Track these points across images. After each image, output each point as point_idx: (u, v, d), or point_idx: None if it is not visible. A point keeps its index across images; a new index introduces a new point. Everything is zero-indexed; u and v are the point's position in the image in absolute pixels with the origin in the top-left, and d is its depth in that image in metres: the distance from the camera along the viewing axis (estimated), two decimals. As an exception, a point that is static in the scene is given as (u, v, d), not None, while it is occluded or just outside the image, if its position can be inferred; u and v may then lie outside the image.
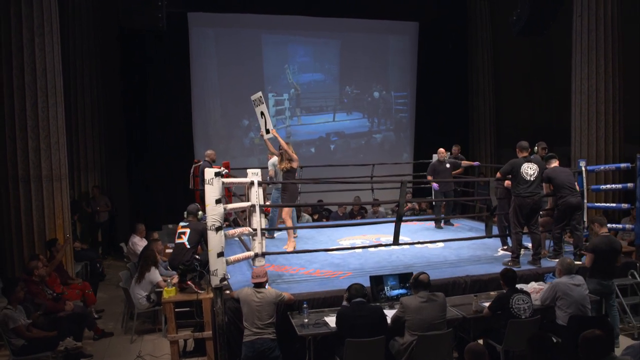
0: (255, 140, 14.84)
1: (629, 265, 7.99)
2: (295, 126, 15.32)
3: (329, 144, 15.56)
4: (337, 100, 15.71)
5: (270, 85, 15.10)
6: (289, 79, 15.24)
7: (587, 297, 6.24)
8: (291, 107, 15.31)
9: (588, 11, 11.60)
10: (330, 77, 15.43)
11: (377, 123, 16.18)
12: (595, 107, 11.62)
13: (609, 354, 4.24)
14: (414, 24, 15.92)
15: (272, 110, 14.83)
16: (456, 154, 11.47)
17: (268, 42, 15.07)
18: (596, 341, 4.28)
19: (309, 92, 15.47)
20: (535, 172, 7.54)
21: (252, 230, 6.86)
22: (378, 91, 15.93)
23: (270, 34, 15.08)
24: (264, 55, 15.02)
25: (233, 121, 15.00)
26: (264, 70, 15.06)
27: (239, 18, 14.47)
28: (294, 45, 15.45)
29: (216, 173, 6.17)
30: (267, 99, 14.77)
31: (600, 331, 4.41)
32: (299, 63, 15.37)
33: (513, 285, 6.05)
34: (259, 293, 5.91)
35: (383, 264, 7.92)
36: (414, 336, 5.47)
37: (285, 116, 15.25)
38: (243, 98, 14.39)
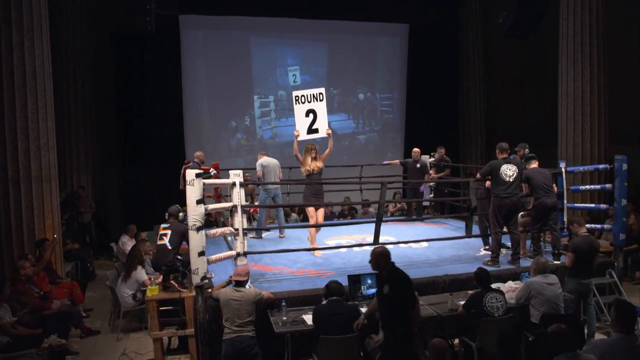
0: (242, 141, 14.98)
1: (607, 265, 8.13)
2: (282, 127, 15.42)
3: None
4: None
5: (259, 88, 15.25)
6: (292, 82, 15.42)
7: (560, 295, 6.37)
8: (278, 108, 15.44)
9: (574, 14, 11.75)
10: (317, 79, 15.54)
11: (362, 124, 16.33)
12: (580, 109, 11.77)
13: (573, 350, 4.36)
14: (404, 25, 16.05)
15: (257, 112, 15.03)
16: (442, 155, 11.61)
17: (257, 44, 15.23)
18: (561, 336, 4.41)
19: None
20: (514, 173, 7.68)
21: (234, 230, 6.99)
22: (363, 93, 16.06)
23: (259, 36, 15.24)
24: (253, 57, 15.18)
25: (221, 123, 15.16)
26: (253, 72, 15.21)
27: (229, 20, 14.62)
28: (282, 48, 15.62)
29: (197, 174, 6.31)
30: (252, 102, 14.95)
31: (567, 327, 4.54)
32: (286, 65, 15.50)
33: (486, 285, 6.18)
34: (238, 292, 6.04)
35: (365, 263, 7.92)
36: (388, 334, 5.59)
37: (271, 117, 15.37)
38: (231, 100, 14.62)
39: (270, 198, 10.04)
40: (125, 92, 14.01)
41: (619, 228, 8.19)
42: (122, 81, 14.02)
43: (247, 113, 15.29)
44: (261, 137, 15.49)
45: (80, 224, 12.61)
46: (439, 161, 11.68)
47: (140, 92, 14.00)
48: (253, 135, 15.45)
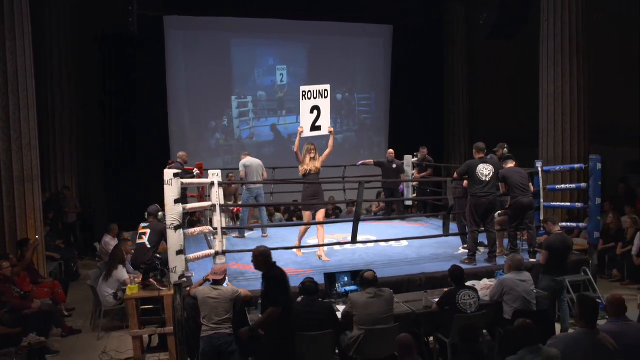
0: (221, 141, 15.06)
1: (582, 262, 8.27)
2: (260, 127, 15.54)
3: (289, 145, 15.77)
4: (297, 102, 15.89)
5: (238, 89, 15.37)
6: (278, 82, 15.51)
7: (532, 292, 6.49)
8: (258, 109, 15.55)
9: (554, 16, 11.90)
10: (296, 79, 15.60)
11: (340, 124, 16.43)
12: (560, 109, 11.92)
13: (536, 344, 4.47)
14: (388, 27, 16.17)
15: (235, 112, 15.11)
16: (424, 155, 11.72)
17: (238, 45, 15.29)
18: (525, 331, 4.51)
19: (275, 94, 15.74)
20: (490, 173, 7.80)
21: (212, 229, 7.07)
22: (341, 93, 16.16)
23: (240, 37, 15.31)
24: (234, 57, 15.27)
25: (203, 123, 15.27)
26: (233, 72, 15.33)
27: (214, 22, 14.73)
28: (263, 48, 15.71)
29: (175, 174, 6.38)
30: (231, 102, 15.04)
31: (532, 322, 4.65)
32: (266, 66, 15.62)
33: (460, 282, 6.29)
34: (216, 290, 6.12)
35: (345, 262, 8.16)
36: (362, 330, 5.71)
37: (249, 118, 15.46)
38: (212, 100, 14.75)
39: (253, 198, 10.13)
40: (110, 93, 14.06)
41: (593, 226, 8.33)
42: (107, 82, 14.06)
43: (225, 113, 15.38)
44: (239, 137, 15.58)
45: (65, 224, 12.63)
46: (421, 161, 11.80)
47: (125, 93, 14.04)
48: (231, 136, 15.55)
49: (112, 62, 13.93)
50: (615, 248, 10.55)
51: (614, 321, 4.93)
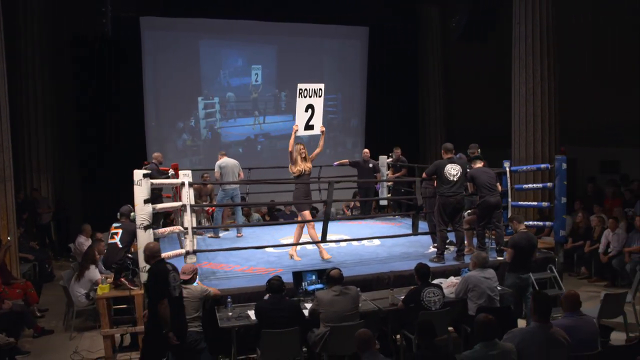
0: (188, 142, 15.11)
1: (548, 260, 8.45)
2: (227, 128, 15.64)
3: (256, 145, 15.86)
4: (271, 104, 16.11)
5: (206, 89, 15.46)
6: (253, 80, 15.58)
7: (496, 289, 6.64)
8: (225, 110, 15.65)
9: (525, 19, 12.09)
10: (268, 81, 15.83)
11: None
12: (532, 110, 12.09)
13: (493, 339, 4.61)
14: (364, 28, 16.31)
15: (201, 113, 15.22)
16: (398, 156, 11.86)
17: (210, 45, 15.42)
18: (484, 325, 4.66)
19: (243, 95, 15.84)
20: (458, 173, 7.95)
21: (183, 229, 7.14)
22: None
23: (213, 38, 15.46)
24: (205, 58, 15.37)
25: (171, 123, 15.33)
26: (202, 73, 15.43)
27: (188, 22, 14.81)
28: (235, 49, 15.81)
29: (144, 174, 6.45)
30: (196, 103, 15.18)
31: (492, 317, 4.80)
32: (235, 67, 15.71)
33: (426, 280, 6.41)
34: (185, 289, 6.19)
35: (316, 261, 8.26)
36: (328, 327, 5.82)
37: (216, 119, 15.55)
38: (184, 100, 14.93)
39: (228, 198, 10.19)
40: (86, 94, 14.05)
41: (559, 225, 8.51)
42: (82, 82, 14.05)
43: (192, 114, 15.47)
44: (206, 137, 15.66)
45: (39, 225, 12.60)
46: (395, 161, 11.94)
47: (100, 94, 14.04)
48: (198, 136, 15.63)
49: (86, 63, 13.92)
50: (584, 246, 10.78)
51: (568, 316, 5.21)
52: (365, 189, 11.88)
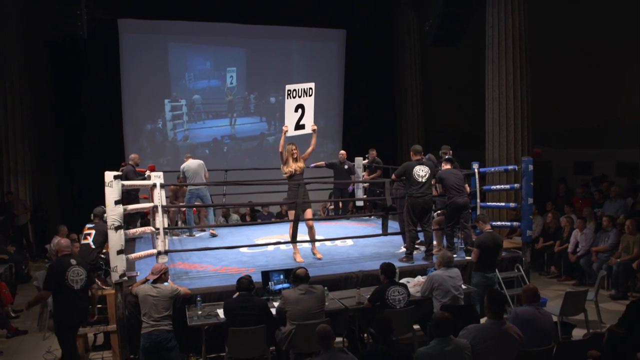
0: (156, 143, 15.15)
1: (515, 259, 8.65)
2: (195, 130, 15.78)
3: (222, 147, 15.96)
4: (240, 105, 16.24)
5: (175, 92, 15.55)
6: (229, 83, 15.69)
7: (460, 287, 6.81)
8: (193, 112, 15.77)
9: (499, 23, 12.32)
10: (239, 83, 16.01)
11: (275, 127, 16.63)
12: (505, 113, 12.32)
13: (448, 335, 4.78)
14: (341, 31, 16.48)
15: (168, 115, 15.37)
16: (373, 157, 12.02)
17: (183, 48, 15.58)
18: (440, 322, 4.84)
19: (212, 97, 15.95)
20: (426, 174, 8.12)
21: (154, 230, 7.25)
22: (275, 96, 16.41)
23: (181, 40, 15.58)
24: (176, 60, 15.51)
25: (142, 124, 15.42)
26: (172, 75, 15.53)
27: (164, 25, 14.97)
28: (202, 52, 15.94)
29: (115, 176, 6.56)
30: (163, 105, 15.30)
31: (449, 315, 4.98)
32: (200, 70, 15.82)
33: (392, 278, 6.57)
34: (156, 288, 6.32)
35: (288, 261, 8.39)
36: (294, 325, 5.96)
37: (183, 121, 15.67)
38: (158, 102, 15.09)
39: (195, 198, 10.32)
40: (63, 96, 14.09)
41: (526, 225, 8.70)
42: (59, 85, 14.11)
43: (160, 116, 15.57)
44: (173, 139, 15.76)
45: (16, 226, 12.62)
46: (371, 163, 12.11)
47: (77, 96, 14.09)
48: (165, 138, 15.72)
49: (63, 65, 13.97)
50: (554, 246, 11.01)
51: (526, 306, 5.50)
52: (341, 190, 12.04)
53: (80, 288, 6.21)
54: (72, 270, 6.13)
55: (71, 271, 6.12)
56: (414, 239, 8.27)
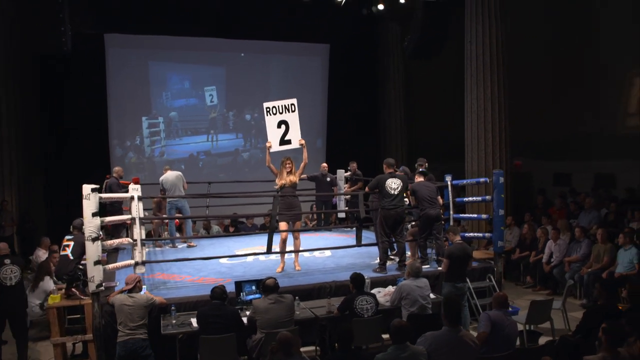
0: (132, 159, 15.35)
1: (487, 270, 8.87)
2: (172, 146, 16.00)
3: (197, 162, 16.15)
4: (219, 122, 16.47)
5: (155, 110, 15.77)
6: (209, 101, 15.92)
7: (428, 297, 7.02)
8: (172, 128, 15.98)
9: (476, 39, 12.62)
10: (222, 100, 16.30)
11: (250, 143, 16.85)
12: (483, 125, 12.60)
13: (405, 342, 4.99)
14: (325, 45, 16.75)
15: (145, 132, 15.57)
16: (354, 170, 12.24)
17: (158, 66, 15.79)
18: (397, 329, 5.04)
19: (190, 114, 16.17)
20: (398, 187, 8.36)
21: (132, 241, 7.45)
22: (250, 114, 16.64)
23: (163, 59, 15.86)
24: (158, 77, 15.75)
25: (123, 139, 15.62)
26: (150, 92, 15.74)
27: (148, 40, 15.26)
28: (181, 70, 16.17)
29: (93, 189, 6.77)
30: (139, 123, 15.52)
31: (405, 322, 5.20)
32: (177, 89, 16.04)
33: (360, 288, 6.78)
34: (131, 298, 6.51)
35: (265, 271, 8.56)
36: (263, 333, 6.16)
37: (160, 137, 15.86)
38: (139, 117, 15.26)
39: (174, 210, 10.53)
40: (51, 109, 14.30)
41: (497, 236, 8.92)
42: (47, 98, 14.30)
43: (138, 133, 15.77)
44: (150, 155, 15.93)
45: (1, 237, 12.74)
46: (351, 175, 12.33)
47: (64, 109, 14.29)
48: (143, 154, 15.89)
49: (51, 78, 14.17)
50: (530, 256, 11.24)
51: (496, 311, 5.76)
52: (324, 202, 12.24)
53: (15, 284, 7.26)
54: (5, 268, 7.20)
55: (4, 269, 7.18)
56: (387, 250, 8.50)
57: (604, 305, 6.08)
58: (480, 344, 5.38)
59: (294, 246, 8.82)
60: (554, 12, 15.22)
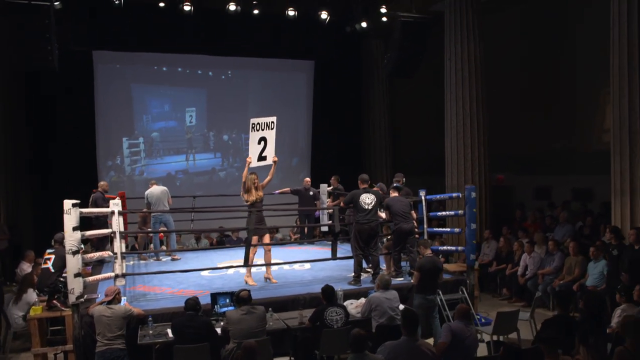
0: (113, 178, 15.57)
1: (460, 282, 9.14)
2: (152, 165, 16.23)
3: (175, 181, 16.33)
4: (199, 142, 16.71)
5: (137, 130, 16.00)
6: (188, 122, 16.30)
7: (397, 308, 7.27)
8: (153, 148, 16.24)
9: (455, 55, 12.97)
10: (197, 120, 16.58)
11: (227, 162, 17.05)
12: (462, 141, 12.93)
13: (363, 351, 5.26)
14: (309, 62, 17.08)
15: (126, 151, 15.82)
16: (335, 185, 12.50)
17: (140, 88, 16.03)
18: (356, 338, 5.32)
19: (171, 135, 16.40)
20: (372, 202, 8.65)
21: (112, 254, 7.71)
22: (228, 134, 16.91)
23: (145, 81, 16.09)
24: (140, 96, 15.98)
25: (104, 158, 15.83)
26: (133, 112, 15.94)
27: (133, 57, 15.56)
28: (162, 93, 16.35)
29: (73, 204, 7.03)
30: (121, 143, 15.79)
31: (364, 332, 5.47)
32: (156, 112, 16.26)
33: (330, 300, 7.05)
34: (110, 309, 6.77)
35: (243, 284, 8.83)
36: (235, 343, 6.41)
37: (140, 157, 16.10)
38: (117, 135, 15.61)
39: (159, 224, 10.80)
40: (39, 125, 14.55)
41: (469, 250, 9.20)
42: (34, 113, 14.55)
43: (119, 153, 15.96)
44: (131, 173, 16.13)
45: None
46: (333, 190, 12.60)
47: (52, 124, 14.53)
48: (123, 173, 16.09)
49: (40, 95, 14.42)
50: (506, 269, 11.52)
51: (458, 322, 6.07)
52: (306, 215, 12.51)
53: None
54: None
55: None
56: (361, 262, 8.77)
57: (559, 315, 6.35)
58: (439, 354, 5.65)
59: (266, 259, 9.09)
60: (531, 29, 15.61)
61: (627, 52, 9.24)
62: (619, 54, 9.40)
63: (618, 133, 9.51)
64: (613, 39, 9.50)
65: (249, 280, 8.83)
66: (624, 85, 9.30)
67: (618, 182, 9.56)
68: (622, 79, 9.34)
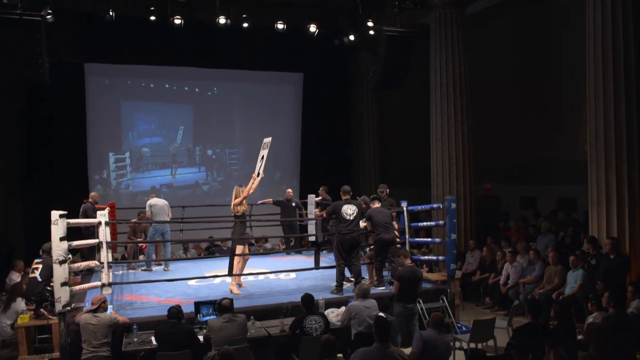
0: (100, 192, 15.68)
1: (441, 291, 9.34)
2: (138, 179, 16.46)
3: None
4: (185, 156, 16.97)
5: (125, 145, 16.23)
6: (179, 139, 16.56)
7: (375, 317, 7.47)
8: (141, 163, 16.48)
9: (440, 68, 13.22)
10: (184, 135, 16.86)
11: (211, 176, 17.30)
12: (447, 152, 13.15)
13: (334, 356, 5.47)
14: (298, 74, 17.33)
15: (112, 166, 16.08)
16: (324, 195, 12.69)
17: (128, 104, 16.28)
18: (325, 344, 5.54)
19: (157, 150, 16.67)
20: (354, 212, 8.87)
21: (99, 264, 7.91)
22: (212, 149, 17.18)
23: (134, 97, 16.33)
24: (123, 116, 16.21)
25: (93, 171, 16.04)
26: (121, 127, 16.17)
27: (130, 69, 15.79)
28: (149, 110, 16.64)
29: (60, 215, 7.23)
30: (108, 158, 16.05)
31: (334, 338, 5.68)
32: (143, 130, 16.55)
33: (310, 308, 7.25)
34: (96, 317, 6.95)
35: (229, 293, 9.03)
36: (217, 350, 6.59)
37: (126, 171, 16.32)
38: (105, 150, 15.86)
39: (159, 234, 11.03)
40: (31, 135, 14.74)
41: (450, 259, 9.41)
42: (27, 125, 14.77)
43: (105, 167, 16.18)
44: (117, 187, 16.31)
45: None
46: (321, 200, 12.79)
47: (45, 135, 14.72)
48: (109, 186, 16.28)
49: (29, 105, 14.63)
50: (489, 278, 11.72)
51: (431, 330, 6.22)
52: (289, 226, 12.71)
53: None
54: None
55: None
56: (343, 272, 8.98)
57: (531, 323, 6.55)
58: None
59: (240, 266, 9.43)
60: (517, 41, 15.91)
61: (602, 64, 9.46)
62: (594, 66, 9.62)
63: (594, 144, 9.73)
64: (588, 51, 9.74)
65: (234, 289, 9.03)
66: (599, 97, 9.51)
67: (595, 193, 9.76)
68: (597, 91, 9.55)
